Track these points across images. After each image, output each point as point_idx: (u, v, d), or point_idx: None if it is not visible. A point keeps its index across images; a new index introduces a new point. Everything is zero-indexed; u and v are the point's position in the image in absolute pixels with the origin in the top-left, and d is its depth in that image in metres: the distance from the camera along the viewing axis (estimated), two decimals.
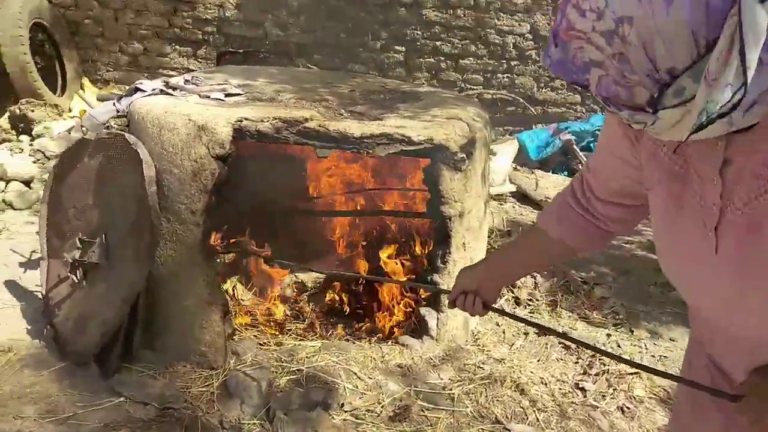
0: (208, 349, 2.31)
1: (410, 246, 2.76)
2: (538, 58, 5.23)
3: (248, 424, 2.09)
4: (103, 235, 2.36)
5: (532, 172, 4.65)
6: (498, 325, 2.87)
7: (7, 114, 4.37)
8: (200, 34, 5.52)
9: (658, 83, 0.74)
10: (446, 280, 2.50)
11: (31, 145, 4.09)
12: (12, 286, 2.88)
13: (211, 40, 5.52)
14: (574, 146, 4.63)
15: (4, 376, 2.26)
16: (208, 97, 2.54)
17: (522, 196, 4.55)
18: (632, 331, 2.85)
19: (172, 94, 2.53)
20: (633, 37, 0.72)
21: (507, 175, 4.60)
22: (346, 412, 2.16)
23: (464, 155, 2.41)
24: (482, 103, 5.31)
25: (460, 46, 5.26)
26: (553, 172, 4.77)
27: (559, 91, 5.35)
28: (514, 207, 4.45)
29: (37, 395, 2.15)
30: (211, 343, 2.31)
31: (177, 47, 5.59)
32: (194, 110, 2.22)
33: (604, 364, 2.53)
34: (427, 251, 2.67)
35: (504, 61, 5.28)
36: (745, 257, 0.90)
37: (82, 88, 5.37)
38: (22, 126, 4.27)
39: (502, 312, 1.44)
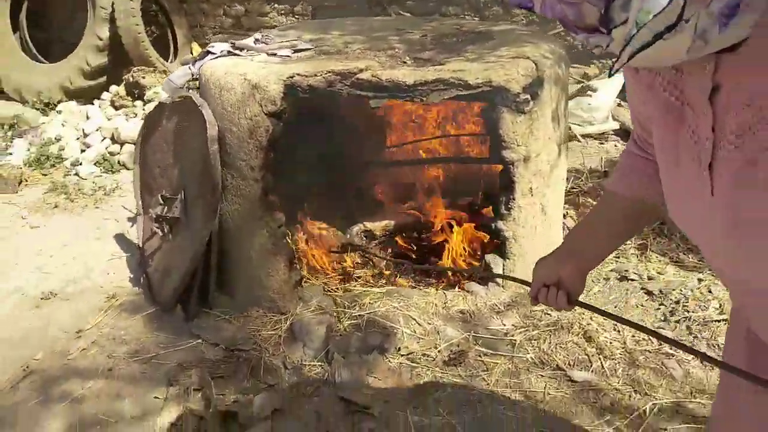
0: (276, 296, 2.45)
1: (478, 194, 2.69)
2: None
3: (308, 365, 2.21)
4: (182, 192, 2.55)
5: None
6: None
7: (123, 82, 4.79)
8: None
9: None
10: (511, 227, 2.43)
11: (143, 110, 4.47)
12: (120, 239, 3.22)
13: None
14: None
15: (105, 318, 2.56)
16: (275, 54, 2.61)
17: (625, 134, 4.22)
18: None
19: (239, 55, 2.62)
20: None
21: (610, 111, 4.28)
22: (402, 356, 2.20)
23: (528, 96, 2.28)
24: None
25: None
26: None
27: None
28: (616, 146, 4.15)
29: (129, 337, 2.42)
30: (278, 289, 2.44)
31: (275, 5, 5.72)
32: (250, 69, 2.29)
33: (687, 311, 2.34)
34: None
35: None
36: (740, 199, 0.79)
37: (191, 53, 5.71)
38: (136, 92, 4.66)
39: (590, 307, 1.24)
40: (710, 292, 2.46)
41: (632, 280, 2.62)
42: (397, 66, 2.32)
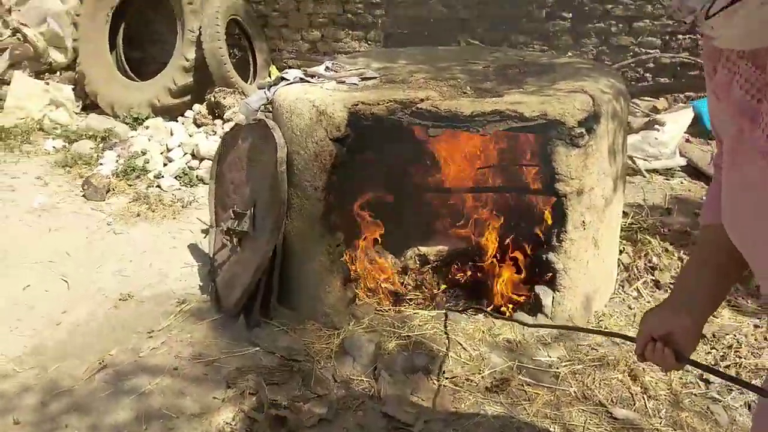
0: (331, 311, 2.58)
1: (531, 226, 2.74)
2: None
3: (357, 380, 2.32)
4: (252, 208, 2.74)
5: (708, 143, 4.19)
6: (630, 308, 2.74)
7: (205, 102, 5.12)
8: (370, 18, 5.83)
9: None
10: (562, 259, 2.47)
11: (222, 128, 4.76)
12: (194, 249, 3.46)
13: (380, 23, 5.80)
14: None
15: (175, 322, 2.77)
16: (344, 82, 2.78)
17: (693, 171, 4.14)
18: None
19: (310, 81, 2.81)
20: None
21: (677, 146, 4.21)
22: (446, 378, 2.28)
23: (583, 130, 2.33)
24: (659, 67, 4.90)
25: (633, 7, 4.86)
26: None
27: None
28: (682, 182, 4.08)
29: (194, 340, 2.61)
30: (333, 306, 2.58)
31: (350, 32, 5.97)
32: (318, 96, 2.46)
33: (740, 356, 2.30)
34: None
35: (685, 21, 4.76)
36: None
37: (269, 75, 6.02)
38: (217, 111, 4.98)
39: (702, 367, 1.15)
40: (766, 339, 2.41)
41: None
42: (456, 96, 2.43)
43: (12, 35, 6.53)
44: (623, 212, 3.47)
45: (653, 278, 2.88)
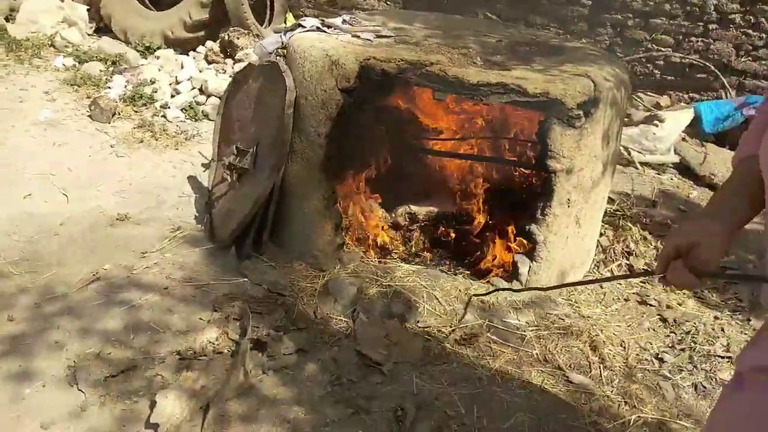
0: (320, 254, 2.71)
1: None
2: (742, 23, 4.69)
3: (336, 319, 2.46)
4: (255, 146, 2.84)
5: (703, 145, 4.30)
6: (601, 287, 2.88)
7: (219, 40, 5.15)
8: None
9: None
10: (543, 232, 2.59)
11: (232, 68, 4.81)
12: (193, 180, 3.55)
13: None
14: None
15: (169, 246, 2.89)
16: (359, 36, 2.85)
17: (685, 169, 4.26)
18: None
19: (326, 32, 2.87)
20: None
21: (673, 144, 4.32)
22: (419, 327, 2.42)
23: (581, 112, 2.43)
24: (668, 65, 4.96)
25: (652, 3, 4.91)
26: (730, 149, 4.36)
27: (763, 62, 4.77)
28: (672, 178, 4.20)
29: (186, 264, 2.73)
30: (322, 249, 2.70)
31: None
32: (332, 46, 2.53)
33: (695, 342, 2.46)
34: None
35: (701, 23, 4.82)
36: None
37: (285, 22, 6.03)
38: (229, 51, 5.01)
39: (722, 275, 1.16)
40: (723, 330, 2.56)
41: (651, 305, 2.74)
42: (464, 65, 2.51)
43: None
44: (610, 198, 3.61)
45: (628, 263, 3.02)
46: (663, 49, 5.00)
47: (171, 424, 1.90)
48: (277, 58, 2.82)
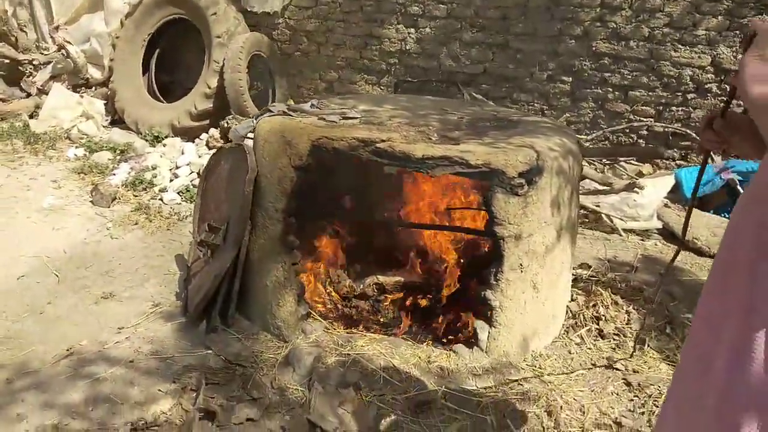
0: (283, 324, 2.77)
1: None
2: (719, 92, 4.81)
3: (292, 388, 2.49)
4: (226, 224, 2.98)
5: (685, 209, 4.31)
6: (569, 353, 2.86)
7: (219, 127, 5.46)
8: (384, 65, 6.16)
9: None
10: (498, 297, 2.63)
11: None
12: (180, 259, 3.70)
13: (393, 70, 6.13)
14: (738, 186, 4.19)
15: (145, 322, 3.00)
16: (324, 118, 3.03)
17: (669, 234, 4.27)
18: None
19: (291, 115, 3.07)
20: None
21: (656, 210, 4.35)
22: (374, 395, 2.43)
23: (523, 181, 2.52)
24: (652, 135, 5.06)
25: (630, 77, 5.08)
26: (714, 213, 4.36)
27: None
28: (656, 244, 4.20)
29: (156, 338, 2.83)
30: (285, 319, 2.77)
31: (365, 76, 6.30)
32: (288, 128, 2.71)
33: (656, 405, 2.41)
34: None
35: (679, 93, 4.95)
36: None
37: None
38: (228, 136, 5.30)
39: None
40: None
41: (617, 369, 2.70)
42: (415, 141, 2.65)
43: (57, 51, 7.07)
44: (587, 265, 3.64)
45: (598, 327, 3.00)
46: (644, 119, 5.12)
47: None
48: (245, 141, 3.01)
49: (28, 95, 7.07)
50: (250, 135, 3.20)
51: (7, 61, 7.06)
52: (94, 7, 7.23)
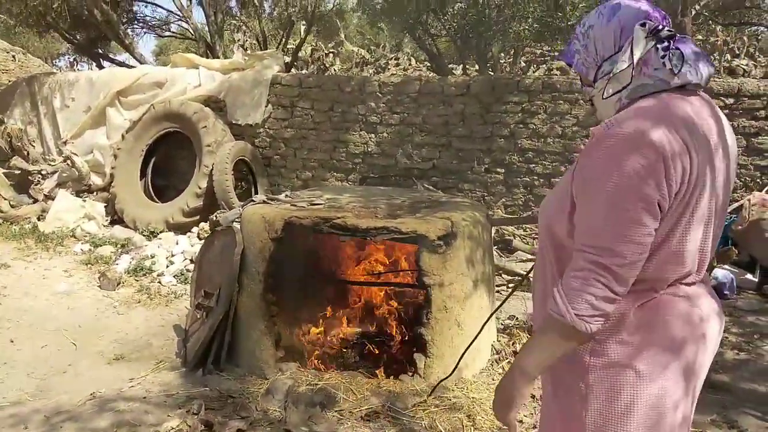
0: (264, 365, 3.52)
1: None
2: None
3: (272, 410, 3.21)
4: (219, 289, 3.79)
5: None
6: (493, 379, 3.62)
7: (208, 220, 6.35)
8: (351, 164, 7.20)
9: (596, 64, 1.47)
10: (429, 333, 3.42)
11: None
12: (177, 328, 4.44)
13: (358, 168, 7.16)
14: None
15: (151, 374, 3.71)
16: (295, 205, 3.94)
17: None
18: None
19: (270, 203, 3.97)
20: (591, 35, 1.47)
21: None
22: (336, 411, 3.16)
23: (442, 242, 3.40)
24: None
25: (551, 167, 6.14)
26: None
27: None
28: None
29: (162, 382, 3.55)
30: (266, 361, 3.52)
31: (335, 174, 7.32)
32: (267, 211, 3.60)
33: None
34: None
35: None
36: None
37: None
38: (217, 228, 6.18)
39: None
40: None
41: None
42: (363, 217, 3.55)
43: (63, 162, 8.02)
44: (514, 316, 4.46)
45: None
46: None
47: None
48: (234, 224, 3.89)
49: (35, 201, 7.94)
50: (237, 221, 4.09)
51: (18, 172, 7.98)
52: (97, 124, 8.27)
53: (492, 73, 7.86)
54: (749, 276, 5.28)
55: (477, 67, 8.71)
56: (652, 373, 1.41)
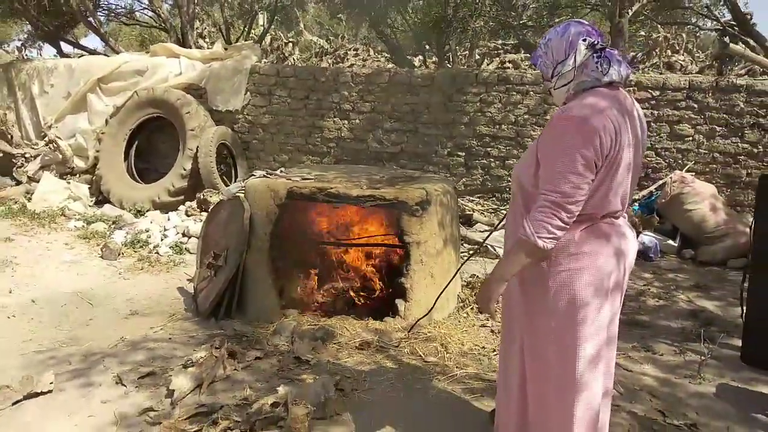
0: (271, 312, 4.18)
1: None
2: None
3: (281, 344, 3.88)
4: (226, 251, 4.42)
5: None
6: (459, 322, 4.38)
7: (196, 199, 6.90)
8: (325, 148, 7.85)
9: (552, 65, 2.17)
10: (409, 282, 4.15)
11: None
12: (181, 289, 5.04)
13: (332, 152, 7.82)
14: None
15: (169, 323, 4.32)
16: (290, 178, 4.59)
17: None
18: None
19: (269, 177, 4.61)
20: (550, 45, 2.16)
21: None
22: (334, 344, 3.86)
23: (419, 207, 4.13)
24: None
25: (505, 150, 6.95)
26: None
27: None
28: None
29: (182, 328, 4.16)
30: (272, 309, 4.18)
31: (310, 157, 7.96)
32: (271, 183, 4.25)
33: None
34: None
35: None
36: None
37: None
38: (203, 206, 6.74)
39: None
40: None
41: (486, 326, 4.23)
42: (352, 188, 4.23)
43: (46, 145, 8.40)
44: (475, 275, 5.23)
45: (478, 307, 4.54)
46: None
47: (181, 392, 3.25)
48: (238, 194, 4.52)
49: (18, 183, 8.30)
50: (239, 193, 4.71)
51: (0, 155, 8.31)
52: (77, 109, 8.67)
53: (450, 66, 8.63)
54: (671, 242, 6.22)
55: (435, 59, 9.47)
56: (590, 266, 2.14)
